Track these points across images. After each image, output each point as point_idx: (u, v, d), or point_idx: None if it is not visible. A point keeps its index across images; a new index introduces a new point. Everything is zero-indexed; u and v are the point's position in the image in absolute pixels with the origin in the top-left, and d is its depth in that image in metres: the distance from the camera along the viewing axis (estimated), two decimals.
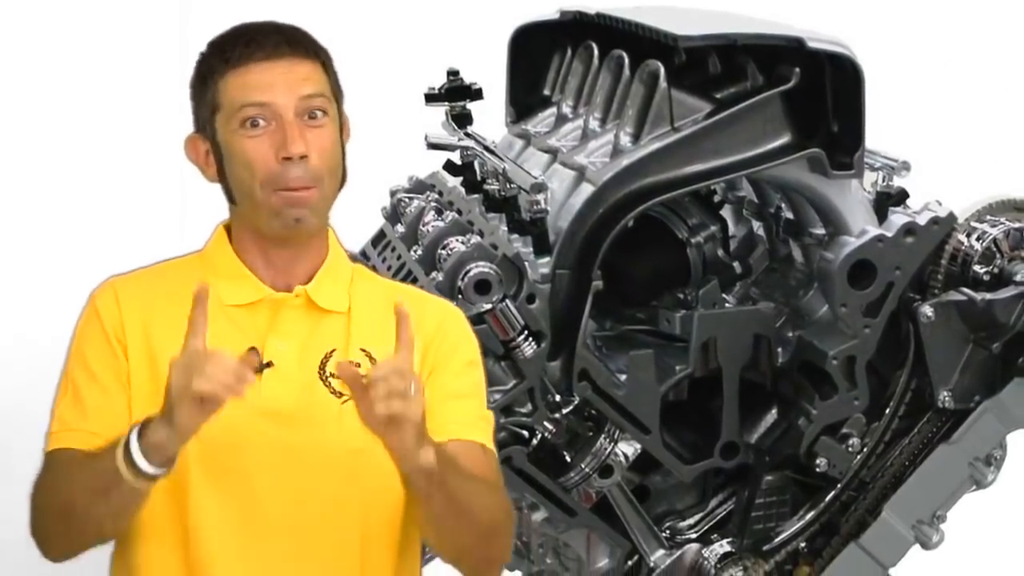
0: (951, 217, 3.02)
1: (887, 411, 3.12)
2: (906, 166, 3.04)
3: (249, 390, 2.17)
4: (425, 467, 2.10)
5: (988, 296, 3.00)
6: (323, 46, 2.32)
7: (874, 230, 2.97)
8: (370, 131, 2.82)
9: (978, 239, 3.04)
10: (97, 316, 2.33)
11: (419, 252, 3.05)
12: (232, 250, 2.35)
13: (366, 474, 2.28)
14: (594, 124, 3.18)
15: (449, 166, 3.39)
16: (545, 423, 2.93)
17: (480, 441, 2.37)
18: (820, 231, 3.03)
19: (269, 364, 2.27)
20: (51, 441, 2.30)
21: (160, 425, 2.06)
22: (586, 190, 2.89)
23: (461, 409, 2.37)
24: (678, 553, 3.19)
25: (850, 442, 3.07)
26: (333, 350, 2.32)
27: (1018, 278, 3.00)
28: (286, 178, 2.20)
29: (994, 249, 3.03)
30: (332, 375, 2.31)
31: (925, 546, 3.15)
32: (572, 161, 3.04)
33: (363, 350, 2.33)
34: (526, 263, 2.82)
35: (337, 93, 2.33)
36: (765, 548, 3.19)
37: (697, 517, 3.25)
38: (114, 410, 2.28)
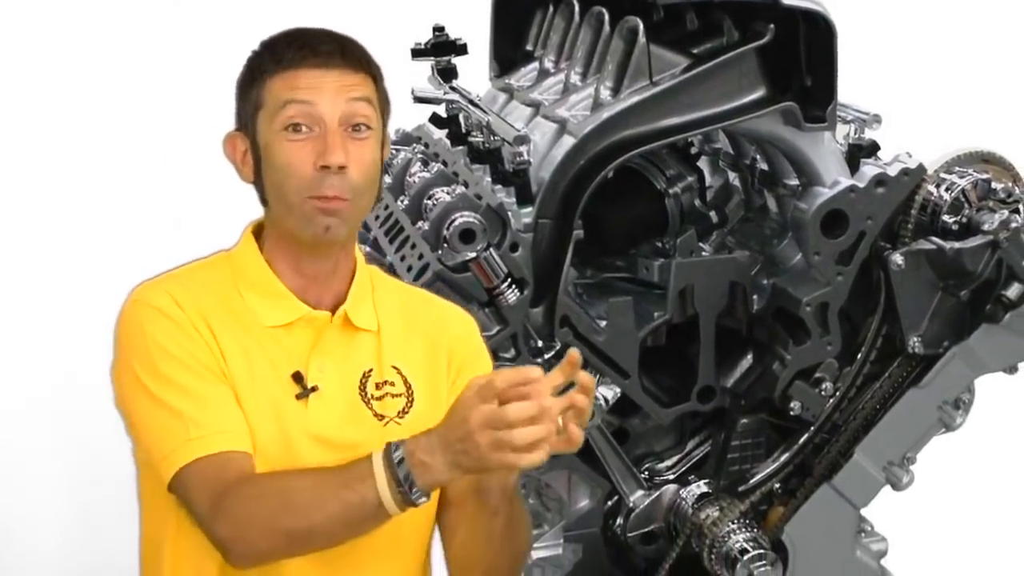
0: (921, 168, 3.05)
1: (859, 356, 3.14)
2: (877, 119, 3.07)
3: (298, 415, 2.19)
4: (509, 483, 2.16)
5: (957, 245, 3.02)
6: (376, 61, 2.26)
7: (846, 181, 3.00)
8: None
9: (947, 190, 3.05)
10: (167, 317, 2.21)
11: (406, 202, 3.07)
12: (263, 260, 2.29)
13: None
14: (575, 78, 3.20)
15: (435, 119, 3.43)
16: None
17: None
18: (794, 182, 3.06)
19: (315, 388, 2.24)
20: (193, 449, 2.15)
21: (455, 471, 2.02)
22: (567, 142, 2.91)
23: None
24: (656, 494, 3.22)
25: (823, 386, 3.11)
26: (370, 369, 2.31)
27: (985, 227, 3.00)
28: (321, 186, 2.15)
29: (962, 199, 3.04)
30: (373, 397, 2.29)
31: (895, 487, 3.18)
32: (554, 114, 3.06)
33: (394, 367, 2.33)
34: (509, 213, 2.85)
35: (385, 109, 2.27)
36: (741, 489, 3.21)
37: (675, 459, 3.28)
38: (236, 406, 2.20)
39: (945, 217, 3.05)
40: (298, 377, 2.23)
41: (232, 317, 2.25)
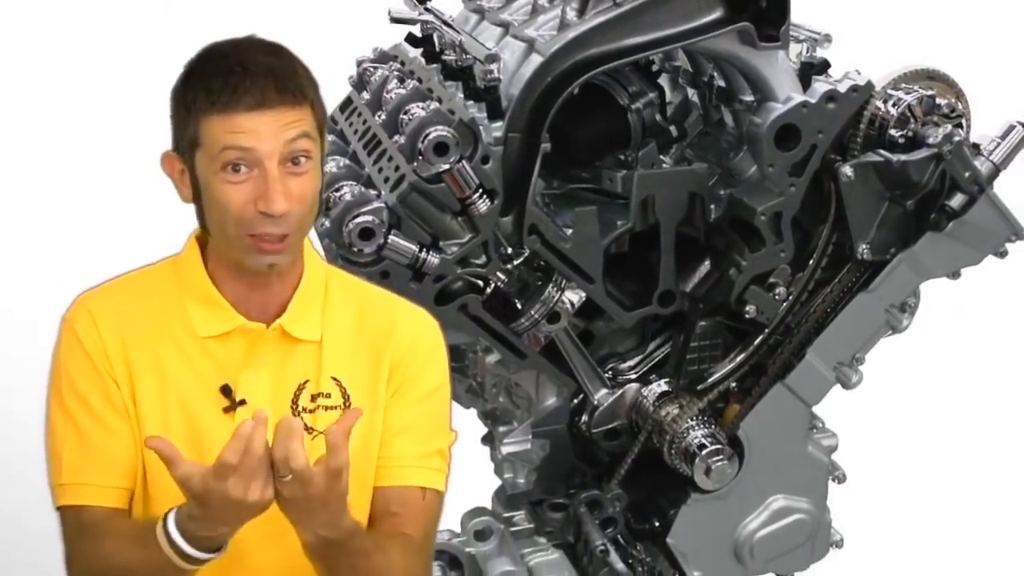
0: (869, 85, 3.11)
1: (810, 262, 3.22)
2: (828, 38, 3.14)
3: (223, 430, 2.15)
4: (328, 538, 2.06)
5: (903, 157, 3.08)
6: (312, 79, 2.17)
7: (799, 97, 3.06)
8: (339, 6, 2.95)
9: (894, 105, 3.12)
10: (80, 345, 2.20)
11: (383, 117, 3.13)
12: (204, 270, 2.24)
13: None
14: (543, 0, 3.27)
15: (410, 38, 3.46)
16: (498, 273, 3.03)
17: (420, 484, 2.32)
18: (749, 98, 3.13)
19: (243, 402, 2.21)
20: (66, 494, 2.19)
21: (205, 526, 2.00)
22: (535, 60, 2.97)
23: (411, 445, 2.31)
24: (619, 392, 3.34)
25: (777, 291, 3.20)
26: (306, 381, 2.26)
27: (930, 141, 3.07)
28: (263, 226, 2.09)
29: (908, 114, 3.11)
30: (304, 409, 2.24)
31: (845, 386, 3.30)
32: (523, 34, 3.13)
33: (334, 378, 2.27)
34: (481, 127, 2.89)
35: (323, 127, 2.19)
36: (699, 388, 3.32)
37: (637, 359, 3.39)
38: (122, 452, 2.20)
39: (892, 131, 3.12)
40: (226, 390, 2.21)
41: (162, 329, 2.22)
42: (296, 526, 2.07)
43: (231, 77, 2.08)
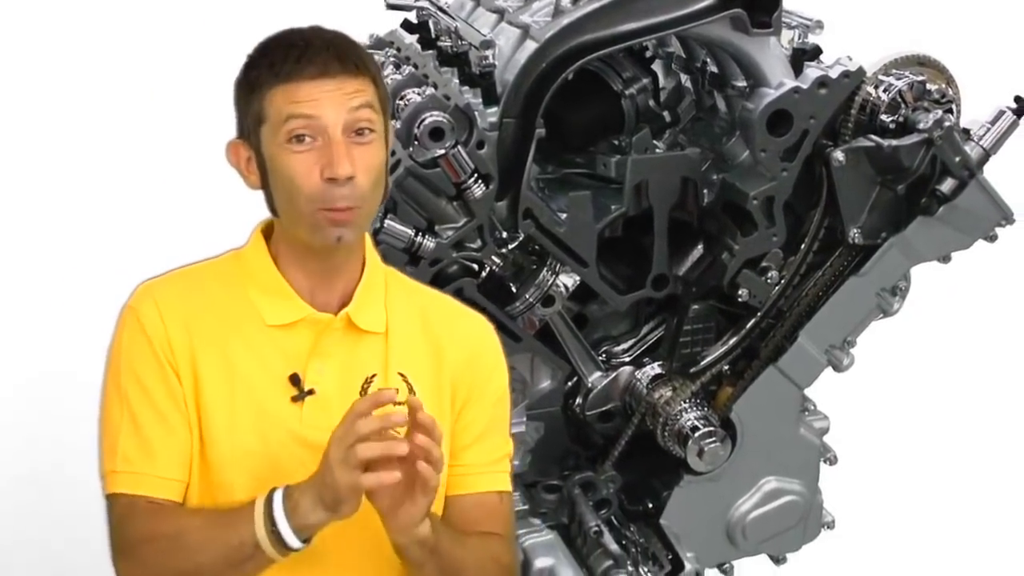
0: (860, 71, 3.11)
1: (802, 246, 3.22)
2: (820, 25, 3.14)
3: (290, 419, 2.18)
4: (421, 537, 2.10)
5: (894, 142, 3.08)
6: (373, 59, 2.20)
7: (791, 82, 3.06)
8: None
9: (885, 91, 3.12)
10: (144, 333, 2.19)
11: None
12: (271, 260, 2.25)
13: None
14: None
15: (406, 25, 3.48)
16: (493, 257, 3.04)
17: (497, 489, 2.37)
18: (742, 83, 3.12)
19: (311, 391, 2.21)
20: (119, 482, 2.18)
21: (318, 509, 2.01)
22: (530, 46, 2.97)
23: (484, 452, 2.35)
24: (613, 375, 3.34)
25: (769, 274, 3.21)
26: (373, 375, 2.27)
27: (921, 126, 3.08)
28: (331, 198, 2.10)
29: (899, 100, 3.11)
30: None
31: (837, 369, 3.30)
32: (517, 20, 3.13)
33: (400, 374, 2.28)
34: (476, 112, 2.90)
35: (385, 107, 2.21)
36: (692, 370, 3.32)
37: (630, 342, 3.39)
38: (178, 446, 2.18)
39: (883, 116, 3.12)
40: (295, 379, 2.21)
41: (228, 318, 2.22)
42: (390, 524, 2.10)
43: (293, 50, 2.14)
